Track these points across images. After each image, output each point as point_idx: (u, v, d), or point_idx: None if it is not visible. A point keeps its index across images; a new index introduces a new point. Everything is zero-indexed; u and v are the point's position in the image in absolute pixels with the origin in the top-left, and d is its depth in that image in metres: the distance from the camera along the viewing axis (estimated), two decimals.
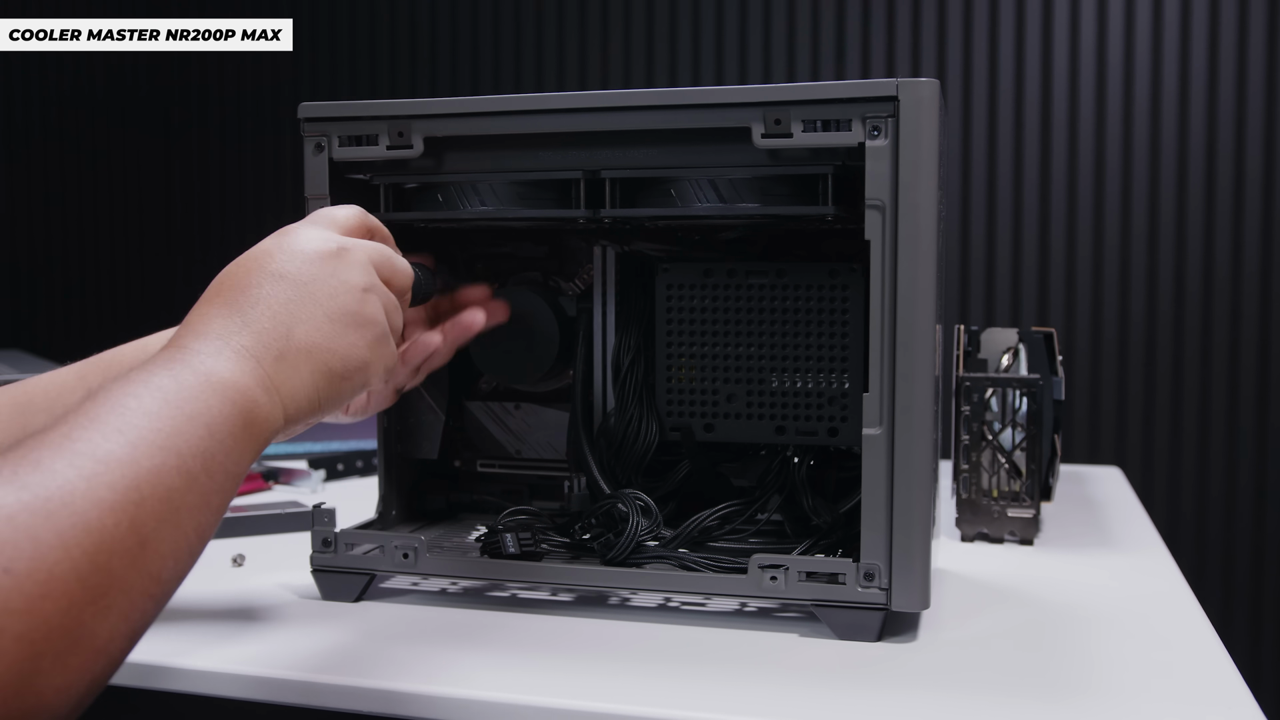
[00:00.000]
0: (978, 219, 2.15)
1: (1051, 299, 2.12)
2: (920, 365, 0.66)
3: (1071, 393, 2.11)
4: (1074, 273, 2.12)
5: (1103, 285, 2.10)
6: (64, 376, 0.73)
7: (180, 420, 0.48)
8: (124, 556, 0.43)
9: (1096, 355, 2.11)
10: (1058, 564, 0.85)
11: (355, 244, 0.61)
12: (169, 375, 0.50)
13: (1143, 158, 2.08)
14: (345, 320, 0.58)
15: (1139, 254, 2.08)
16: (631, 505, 0.75)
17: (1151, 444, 2.09)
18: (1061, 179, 2.11)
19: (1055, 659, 0.64)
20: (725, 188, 0.70)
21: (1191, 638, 0.68)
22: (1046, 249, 2.13)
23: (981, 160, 2.14)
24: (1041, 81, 2.13)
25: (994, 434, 0.91)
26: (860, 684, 0.60)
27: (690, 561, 0.73)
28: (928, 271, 0.65)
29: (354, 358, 0.58)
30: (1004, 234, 2.14)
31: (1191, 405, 2.07)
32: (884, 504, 0.66)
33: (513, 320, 0.81)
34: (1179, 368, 2.07)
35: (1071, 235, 2.12)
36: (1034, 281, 2.14)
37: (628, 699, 0.58)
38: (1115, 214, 2.10)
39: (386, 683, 0.60)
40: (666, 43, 2.36)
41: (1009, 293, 2.14)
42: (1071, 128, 2.11)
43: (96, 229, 2.49)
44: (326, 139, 0.74)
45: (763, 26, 2.29)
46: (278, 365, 0.55)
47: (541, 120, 0.71)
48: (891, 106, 0.65)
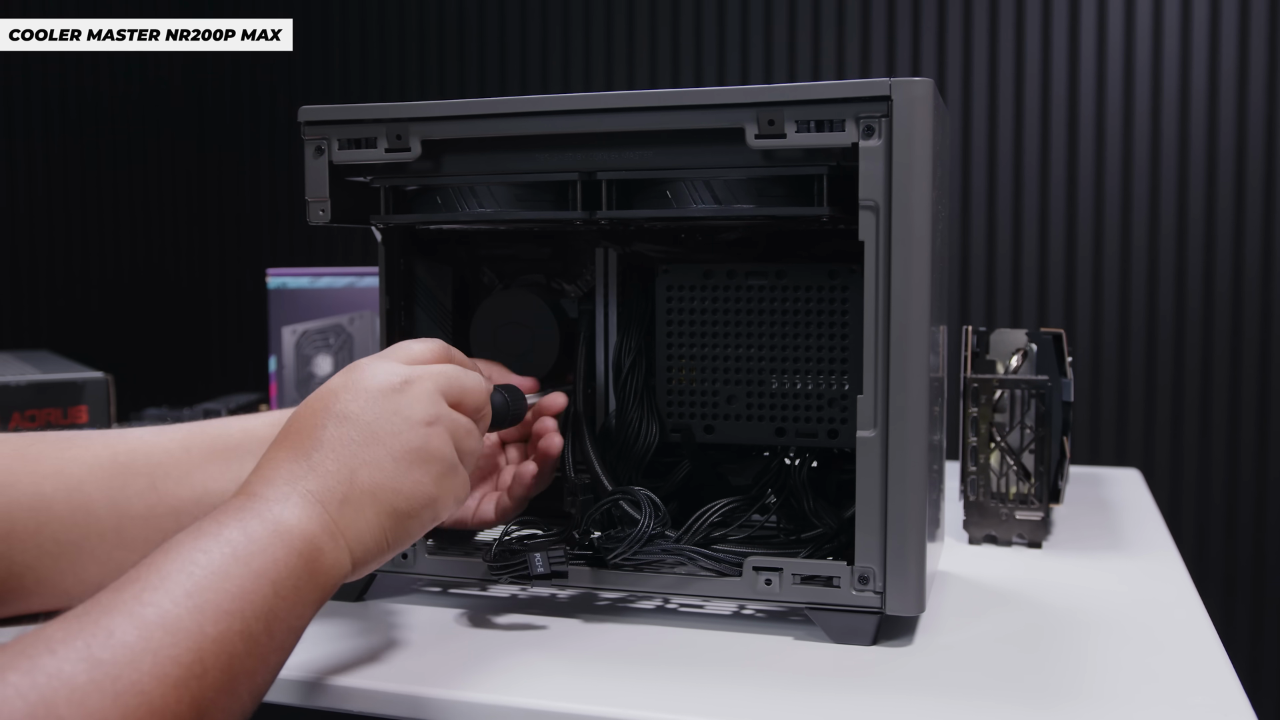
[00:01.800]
0: (1002, 217, 2.13)
1: (1078, 298, 2.10)
2: (915, 367, 0.65)
3: (1094, 393, 2.09)
4: (1100, 271, 2.09)
5: (1130, 284, 2.08)
6: (166, 442, 0.70)
7: (247, 579, 0.49)
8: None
9: (1121, 355, 2.08)
10: (1064, 567, 0.84)
11: (421, 373, 0.60)
12: (239, 527, 0.51)
13: (1170, 154, 2.05)
14: (410, 458, 0.57)
15: (1167, 251, 2.06)
16: (643, 501, 0.73)
17: (1175, 446, 2.06)
18: (1089, 177, 2.09)
19: (1048, 664, 0.64)
20: (720, 189, 0.70)
21: (1191, 644, 0.67)
22: (1073, 247, 2.10)
23: (986, 160, 2.13)
24: (1041, 79, 2.11)
25: (1002, 436, 0.90)
26: (845, 688, 0.60)
27: (702, 563, 0.71)
28: (922, 272, 0.65)
29: (419, 495, 0.58)
30: (1030, 233, 2.13)
31: (1219, 406, 2.04)
32: (878, 507, 0.66)
33: (514, 322, 0.81)
34: (1205, 368, 2.05)
35: (1099, 231, 2.09)
36: (1060, 281, 2.12)
37: (614, 701, 0.58)
38: (1142, 210, 2.07)
39: (382, 684, 0.61)
40: (669, 45, 2.36)
41: (1035, 292, 2.12)
42: (1070, 127, 2.10)
43: (102, 230, 2.51)
44: (326, 142, 0.75)
45: (764, 29, 2.29)
46: (342, 509, 0.55)
47: (536, 122, 0.71)
48: (885, 106, 0.64)
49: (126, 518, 0.67)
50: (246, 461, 0.68)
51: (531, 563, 0.70)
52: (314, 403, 0.58)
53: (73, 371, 1.28)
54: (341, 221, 0.77)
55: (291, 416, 0.58)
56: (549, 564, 0.70)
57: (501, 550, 0.72)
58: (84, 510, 0.66)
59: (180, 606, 0.46)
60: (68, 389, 1.25)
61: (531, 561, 0.70)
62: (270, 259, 2.33)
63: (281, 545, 0.51)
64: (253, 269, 2.46)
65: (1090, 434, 2.10)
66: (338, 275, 1.36)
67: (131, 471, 0.68)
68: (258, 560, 0.50)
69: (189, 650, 0.45)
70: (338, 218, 0.77)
